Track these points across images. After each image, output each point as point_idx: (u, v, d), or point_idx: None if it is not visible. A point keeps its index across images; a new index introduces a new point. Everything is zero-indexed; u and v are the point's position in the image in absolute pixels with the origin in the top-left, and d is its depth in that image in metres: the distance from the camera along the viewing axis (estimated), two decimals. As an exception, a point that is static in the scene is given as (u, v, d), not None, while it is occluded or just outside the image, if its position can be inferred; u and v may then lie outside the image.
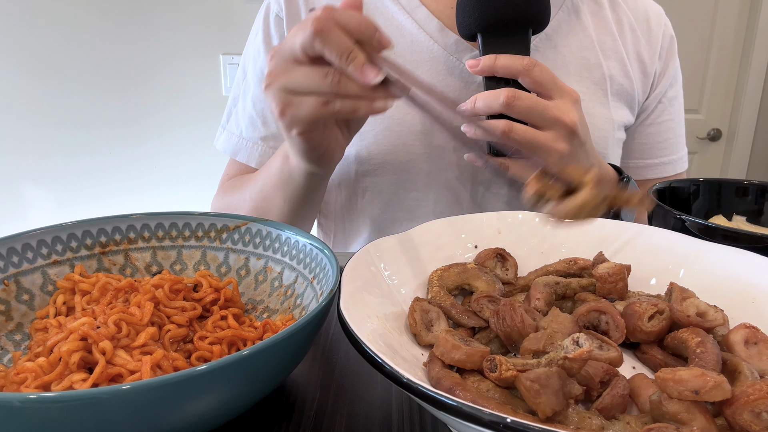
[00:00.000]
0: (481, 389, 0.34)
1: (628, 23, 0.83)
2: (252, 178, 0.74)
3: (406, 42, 0.76)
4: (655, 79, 0.85)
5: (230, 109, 0.84)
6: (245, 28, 1.83)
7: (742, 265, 0.46)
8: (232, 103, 0.84)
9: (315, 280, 0.45)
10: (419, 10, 0.76)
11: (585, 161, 0.67)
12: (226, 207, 0.79)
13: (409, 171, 0.76)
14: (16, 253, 0.45)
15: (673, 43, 0.87)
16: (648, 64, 0.84)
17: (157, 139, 1.93)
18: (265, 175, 0.69)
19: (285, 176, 0.64)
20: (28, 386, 0.35)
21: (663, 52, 0.85)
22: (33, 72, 1.82)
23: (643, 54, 0.83)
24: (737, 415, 0.30)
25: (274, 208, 0.68)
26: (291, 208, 0.68)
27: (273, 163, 0.67)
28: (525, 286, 0.49)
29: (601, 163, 0.71)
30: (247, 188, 0.74)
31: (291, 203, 0.67)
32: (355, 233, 0.83)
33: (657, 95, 0.86)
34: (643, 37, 0.84)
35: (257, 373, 0.33)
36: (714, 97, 2.23)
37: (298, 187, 0.64)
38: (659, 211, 0.59)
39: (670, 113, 0.88)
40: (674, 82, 0.88)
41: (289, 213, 0.68)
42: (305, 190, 0.65)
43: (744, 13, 2.13)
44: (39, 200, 1.95)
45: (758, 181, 0.68)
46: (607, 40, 0.81)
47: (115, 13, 1.80)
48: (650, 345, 0.41)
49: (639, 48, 0.83)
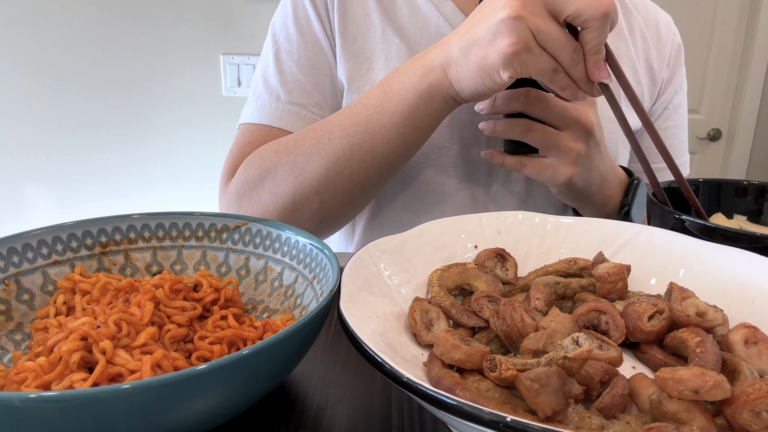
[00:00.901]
0: (481, 389, 0.34)
1: (640, 30, 0.85)
2: (330, 120, 0.66)
3: (432, 35, 0.76)
4: (663, 86, 0.86)
5: (257, 80, 0.79)
6: (245, 28, 1.85)
7: (742, 265, 0.46)
8: (260, 72, 0.79)
9: (315, 280, 0.45)
10: (446, 4, 0.77)
11: (599, 161, 0.67)
12: (270, 167, 0.67)
13: (428, 164, 0.77)
14: (16, 253, 0.45)
15: (680, 51, 0.89)
16: (656, 71, 0.85)
17: (158, 138, 1.93)
18: (371, 109, 0.62)
19: (420, 100, 0.60)
20: (29, 386, 0.35)
21: (671, 60, 0.87)
22: (33, 72, 1.83)
23: (653, 61, 0.85)
24: (737, 414, 0.30)
25: (381, 142, 0.62)
26: (407, 140, 0.62)
27: (393, 93, 0.61)
28: (525, 286, 0.49)
29: (613, 165, 0.71)
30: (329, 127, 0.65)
31: (411, 133, 0.62)
32: (369, 222, 0.83)
33: (663, 101, 0.87)
34: (653, 44, 0.85)
35: (257, 373, 0.33)
36: (714, 97, 2.23)
37: (431, 114, 0.61)
38: (659, 211, 0.59)
39: (674, 119, 0.89)
40: (680, 89, 0.89)
41: (401, 146, 0.62)
42: (438, 118, 0.62)
43: (744, 13, 2.13)
44: (39, 200, 1.95)
45: (758, 181, 0.68)
46: (620, 46, 0.82)
47: (115, 13, 1.80)
48: (650, 345, 0.41)
49: (649, 55, 0.84)
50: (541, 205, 0.79)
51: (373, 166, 0.63)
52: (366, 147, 0.62)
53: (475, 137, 0.75)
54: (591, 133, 0.64)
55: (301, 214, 0.66)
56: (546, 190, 0.78)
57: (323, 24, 0.77)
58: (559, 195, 0.71)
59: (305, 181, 0.64)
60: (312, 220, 0.67)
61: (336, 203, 0.66)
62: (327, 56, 0.77)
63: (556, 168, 0.65)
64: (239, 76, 1.89)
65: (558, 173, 0.65)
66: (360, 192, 0.66)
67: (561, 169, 0.65)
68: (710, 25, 2.14)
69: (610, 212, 0.72)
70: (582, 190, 0.68)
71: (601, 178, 0.68)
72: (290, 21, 0.78)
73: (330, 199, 0.65)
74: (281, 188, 0.66)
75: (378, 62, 0.76)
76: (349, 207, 0.68)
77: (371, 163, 0.63)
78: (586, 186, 0.67)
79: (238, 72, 1.89)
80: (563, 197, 0.71)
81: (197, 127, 1.92)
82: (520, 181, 0.78)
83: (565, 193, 0.69)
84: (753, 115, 2.22)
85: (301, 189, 0.65)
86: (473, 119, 0.74)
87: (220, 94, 1.91)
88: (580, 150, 0.64)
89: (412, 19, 0.77)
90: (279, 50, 0.78)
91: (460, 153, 0.76)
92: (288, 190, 0.65)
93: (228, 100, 1.91)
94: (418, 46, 0.76)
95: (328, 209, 0.66)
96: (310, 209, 0.66)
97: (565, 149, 0.63)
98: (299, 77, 0.76)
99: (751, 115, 2.22)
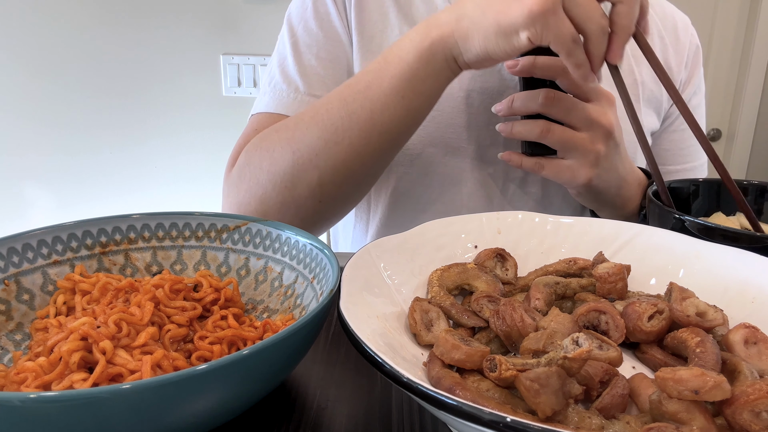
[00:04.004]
0: (481, 389, 0.34)
1: (657, 31, 0.84)
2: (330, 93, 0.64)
3: None
4: (681, 87, 0.86)
5: (273, 71, 0.77)
6: (245, 28, 1.85)
7: (742, 265, 0.46)
8: (277, 63, 0.77)
9: (315, 280, 0.45)
10: None
11: (618, 163, 0.67)
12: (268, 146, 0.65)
13: (444, 164, 0.76)
14: (16, 253, 0.45)
15: (698, 52, 0.88)
16: (675, 72, 0.84)
17: (158, 138, 1.93)
18: (370, 75, 0.61)
19: (420, 59, 0.58)
20: (29, 386, 0.35)
21: (689, 62, 0.86)
22: (33, 72, 1.83)
23: (671, 62, 0.84)
24: (737, 414, 0.30)
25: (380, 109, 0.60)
26: (408, 105, 0.60)
27: (393, 56, 0.60)
28: (525, 286, 0.49)
29: (632, 167, 0.71)
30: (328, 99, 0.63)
31: (412, 98, 0.60)
32: (383, 223, 0.82)
33: None
34: (671, 45, 0.84)
35: (257, 373, 0.33)
36: (714, 97, 2.23)
37: (432, 76, 0.59)
38: (659, 211, 0.59)
39: None
40: (698, 90, 0.89)
41: (402, 113, 0.60)
42: (438, 83, 0.60)
43: (744, 13, 2.13)
44: (39, 200, 1.95)
45: (758, 181, 0.68)
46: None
47: (115, 13, 1.80)
48: (650, 345, 0.41)
49: (667, 56, 0.84)
50: (558, 206, 0.79)
51: (372, 136, 0.61)
52: (365, 115, 0.60)
53: (492, 138, 0.75)
54: (610, 134, 0.63)
55: (299, 192, 0.63)
56: (563, 191, 0.77)
57: (342, 19, 0.76)
58: (578, 197, 0.70)
59: (303, 156, 0.62)
60: (312, 199, 0.64)
61: (335, 178, 0.63)
62: (346, 51, 0.76)
63: (575, 170, 0.64)
64: (239, 76, 1.89)
65: (577, 175, 0.64)
66: (360, 166, 0.63)
67: (580, 170, 0.64)
68: (710, 25, 2.14)
69: (629, 214, 0.72)
70: (601, 192, 0.67)
71: (621, 180, 0.68)
72: (310, 14, 0.76)
73: (329, 175, 0.62)
74: (279, 166, 0.63)
75: None
76: (350, 184, 0.65)
77: (371, 134, 0.61)
78: (606, 188, 0.67)
79: (238, 72, 1.89)
80: (582, 199, 0.70)
81: (197, 127, 1.92)
82: (536, 182, 0.78)
83: (583, 195, 0.69)
84: (753, 115, 2.22)
85: (299, 164, 0.62)
86: (490, 120, 0.73)
87: (220, 94, 1.90)
88: (599, 151, 0.63)
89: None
90: (297, 42, 0.76)
91: (476, 154, 0.76)
92: (285, 167, 0.63)
93: (228, 100, 1.91)
94: None
95: (327, 185, 0.63)
96: (308, 186, 0.63)
97: (585, 151, 0.63)
98: (319, 70, 0.74)
99: (751, 115, 2.22)
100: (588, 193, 0.67)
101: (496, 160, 0.74)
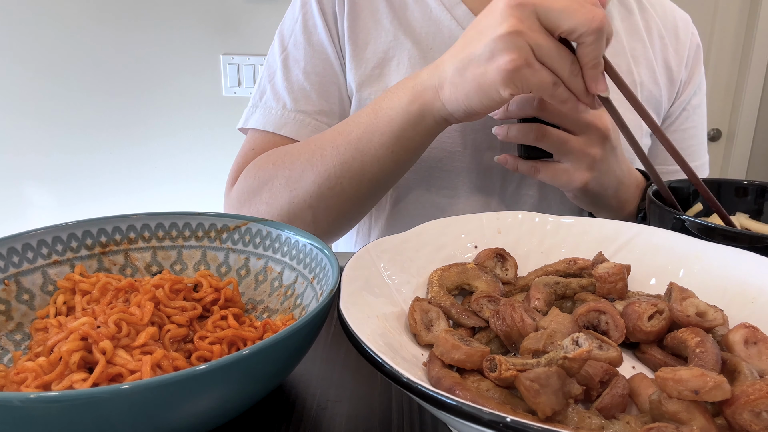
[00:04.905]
0: (480, 389, 0.34)
1: (657, 30, 0.84)
2: (324, 136, 0.67)
3: (444, 39, 0.76)
4: (681, 86, 0.85)
5: (264, 85, 0.79)
6: (245, 28, 1.85)
7: (742, 265, 0.46)
8: (267, 78, 0.79)
9: (315, 280, 0.45)
10: (459, 8, 0.76)
11: (615, 166, 0.67)
12: (267, 179, 0.69)
13: (441, 168, 0.76)
14: (16, 253, 0.45)
15: (699, 51, 0.87)
16: (675, 71, 0.84)
17: (158, 138, 1.93)
18: (362, 128, 0.63)
19: (408, 122, 0.60)
20: (29, 386, 0.35)
21: (689, 61, 0.86)
22: (34, 72, 1.82)
23: (671, 61, 0.84)
24: (737, 414, 0.30)
25: (371, 161, 0.62)
26: (397, 159, 0.62)
27: (383, 113, 0.62)
28: (525, 286, 0.49)
29: (629, 168, 0.71)
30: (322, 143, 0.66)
31: (401, 153, 0.62)
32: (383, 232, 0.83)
33: (681, 103, 0.86)
34: (671, 44, 0.84)
35: (257, 373, 0.33)
36: (714, 97, 2.23)
37: (422, 135, 0.61)
38: (658, 211, 0.59)
39: (693, 121, 0.88)
40: (698, 90, 0.88)
41: (391, 165, 0.63)
42: (428, 138, 0.62)
43: (744, 13, 2.13)
44: (39, 199, 1.95)
45: (758, 181, 0.68)
46: (637, 46, 0.81)
47: (115, 13, 1.80)
48: (650, 345, 0.41)
49: (667, 55, 0.83)
50: (556, 209, 0.79)
51: (363, 183, 0.64)
52: (356, 165, 0.63)
53: (489, 142, 0.75)
54: (607, 137, 0.63)
55: (296, 225, 0.67)
56: (560, 194, 0.77)
57: (331, 32, 0.77)
58: (575, 199, 0.70)
59: (299, 196, 0.66)
60: (307, 230, 0.67)
61: (328, 218, 0.67)
62: (333, 64, 0.77)
63: (571, 173, 0.64)
64: (239, 77, 1.89)
65: (573, 178, 0.64)
66: (351, 208, 0.67)
67: (576, 174, 0.64)
68: (710, 25, 2.14)
69: (627, 216, 0.72)
70: (598, 195, 0.67)
71: (618, 182, 0.68)
72: (299, 28, 0.78)
73: (322, 214, 0.67)
74: (277, 200, 0.68)
75: (390, 67, 0.76)
76: (342, 222, 0.70)
77: (361, 181, 0.64)
78: (602, 190, 0.67)
79: (238, 72, 1.89)
80: (579, 202, 0.70)
81: (197, 127, 1.92)
82: (533, 185, 0.78)
83: (580, 198, 0.69)
84: (753, 115, 2.22)
85: (295, 203, 0.67)
86: (486, 123, 0.73)
87: (220, 94, 1.90)
88: (595, 155, 0.63)
89: (424, 23, 0.76)
90: (287, 58, 0.78)
91: (473, 157, 0.76)
92: (283, 203, 0.67)
93: (228, 100, 1.91)
94: (430, 50, 0.75)
95: (321, 223, 0.67)
96: (303, 222, 0.67)
97: (581, 154, 0.63)
98: (305, 85, 0.76)
99: (751, 115, 2.22)
100: (585, 196, 0.67)
101: (493, 164, 0.74)
